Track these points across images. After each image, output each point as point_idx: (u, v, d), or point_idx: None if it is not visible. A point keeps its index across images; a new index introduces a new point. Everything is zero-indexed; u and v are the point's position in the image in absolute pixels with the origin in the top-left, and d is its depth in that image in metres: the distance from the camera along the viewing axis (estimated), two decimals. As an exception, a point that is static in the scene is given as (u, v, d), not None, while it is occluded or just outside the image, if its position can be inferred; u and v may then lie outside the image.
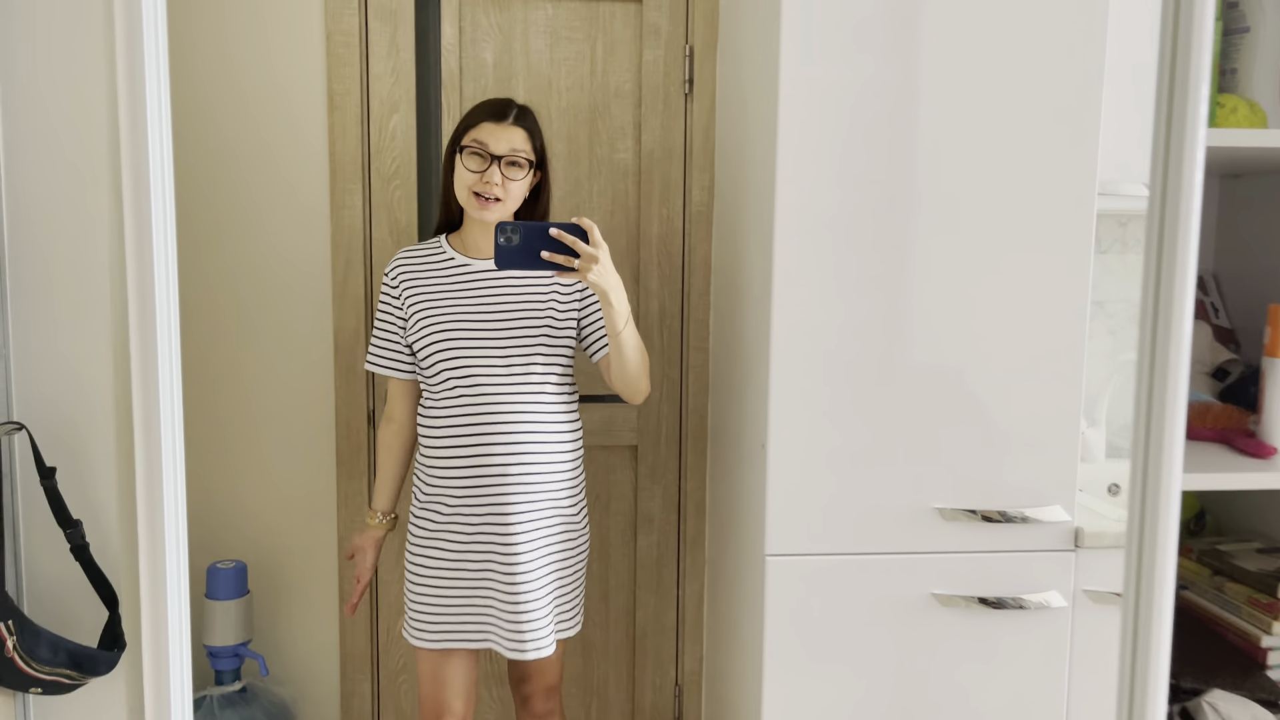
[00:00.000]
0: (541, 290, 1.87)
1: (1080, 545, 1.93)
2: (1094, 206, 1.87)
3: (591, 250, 1.66)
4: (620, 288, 1.73)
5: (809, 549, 1.89)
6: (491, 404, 1.80)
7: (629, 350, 1.79)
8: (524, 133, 1.81)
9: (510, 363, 1.81)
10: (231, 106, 2.19)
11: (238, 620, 2.16)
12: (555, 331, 1.85)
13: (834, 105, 1.81)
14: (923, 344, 1.87)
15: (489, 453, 1.80)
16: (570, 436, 1.89)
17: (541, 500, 1.84)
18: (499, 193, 1.78)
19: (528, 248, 1.65)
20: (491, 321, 1.82)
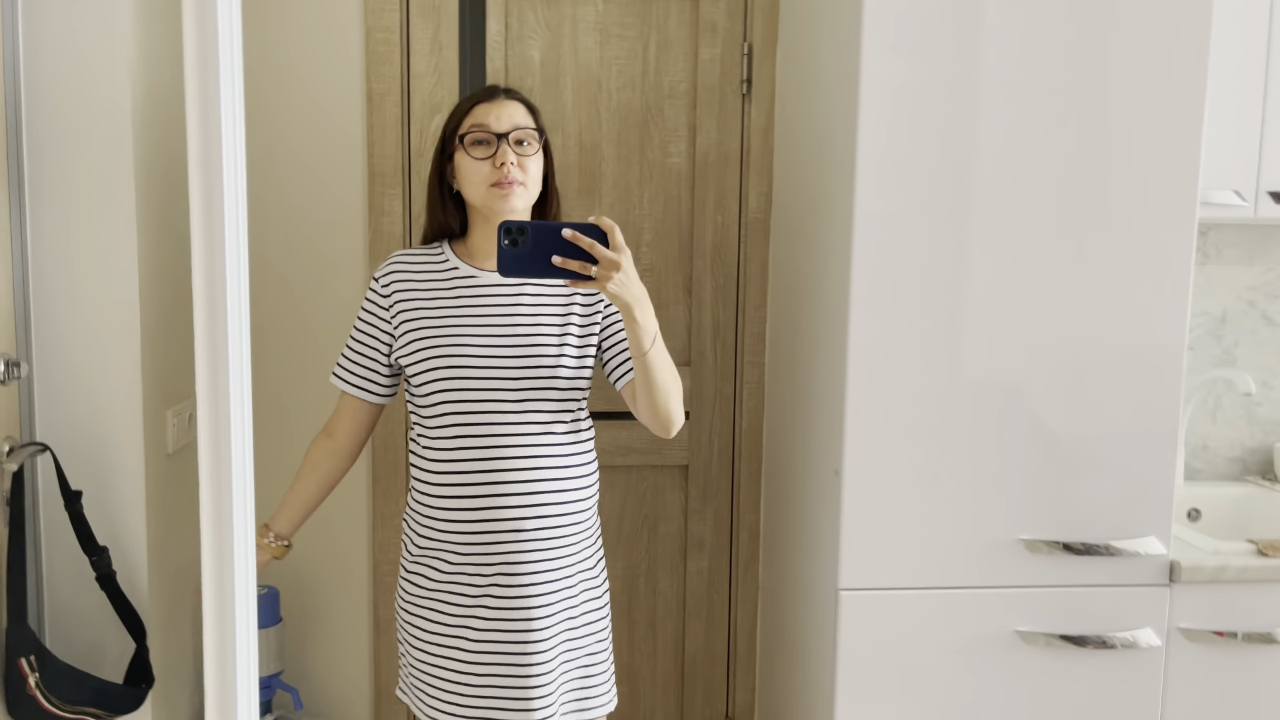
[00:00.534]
0: (559, 306, 1.61)
1: (1176, 580, 1.80)
2: (1195, 213, 1.74)
3: (612, 255, 1.39)
4: (645, 300, 1.46)
5: (885, 583, 1.77)
6: (502, 444, 1.54)
7: (657, 374, 1.52)
8: (522, 106, 1.60)
9: (524, 395, 1.55)
10: (264, 104, 2.08)
11: (271, 650, 2.04)
12: (574, 355, 1.59)
13: (915, 106, 1.68)
14: (1009, 360, 1.74)
15: (501, 504, 1.54)
16: (589, 480, 1.64)
17: (563, 559, 1.59)
18: (518, 174, 1.54)
19: (537, 252, 1.39)
20: (502, 345, 1.56)
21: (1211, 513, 2.25)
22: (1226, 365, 2.35)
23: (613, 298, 1.42)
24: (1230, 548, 1.84)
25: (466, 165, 1.56)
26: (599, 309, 1.63)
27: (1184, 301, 1.76)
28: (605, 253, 1.39)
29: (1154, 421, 1.78)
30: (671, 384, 1.56)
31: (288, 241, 2.11)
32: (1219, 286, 2.34)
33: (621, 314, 1.48)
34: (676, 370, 1.58)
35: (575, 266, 1.39)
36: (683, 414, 1.60)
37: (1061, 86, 1.70)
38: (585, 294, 1.62)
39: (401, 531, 1.68)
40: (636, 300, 1.44)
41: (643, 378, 1.53)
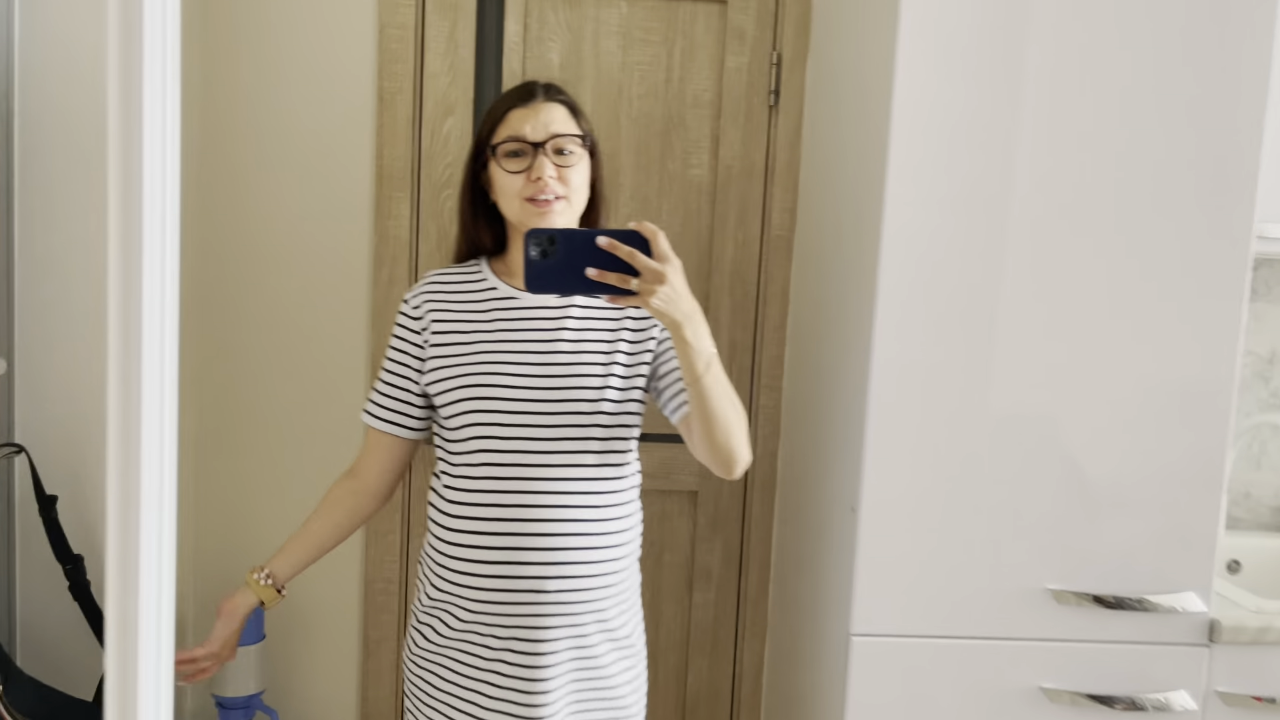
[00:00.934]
0: (607, 332, 1.43)
1: (1215, 640, 1.67)
2: (1250, 247, 1.63)
3: (657, 266, 1.19)
4: (698, 317, 1.26)
5: (901, 630, 1.65)
6: (527, 490, 1.37)
7: (714, 404, 1.31)
8: (563, 108, 1.42)
9: (559, 435, 1.38)
10: (270, 98, 2.00)
11: (252, 669, 1.95)
12: (619, 389, 1.41)
13: (950, 126, 1.58)
14: (1042, 394, 1.63)
15: (520, 558, 1.37)
16: (627, 537, 1.45)
17: (588, 627, 1.42)
18: (558, 187, 1.37)
19: (569, 264, 1.20)
20: (539, 376, 1.39)
21: (1253, 565, 2.12)
22: (1274, 409, 2.22)
23: (658, 315, 1.23)
24: (1275, 607, 1.71)
25: (501, 178, 1.41)
26: (652, 332, 1.45)
27: (1235, 338, 1.64)
28: (648, 263, 1.20)
29: (1197, 467, 1.66)
30: (733, 415, 1.34)
31: (289, 242, 2.03)
32: (1269, 325, 2.21)
33: (671, 335, 1.28)
34: (739, 399, 1.37)
35: (613, 280, 1.19)
36: (748, 451, 1.39)
37: (1107, 111, 1.59)
38: (637, 315, 1.45)
39: (417, 575, 1.53)
40: (687, 317, 1.24)
41: (698, 408, 1.32)
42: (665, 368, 1.44)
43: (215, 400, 2.04)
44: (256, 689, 1.96)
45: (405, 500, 2.11)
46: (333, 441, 2.07)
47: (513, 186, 1.39)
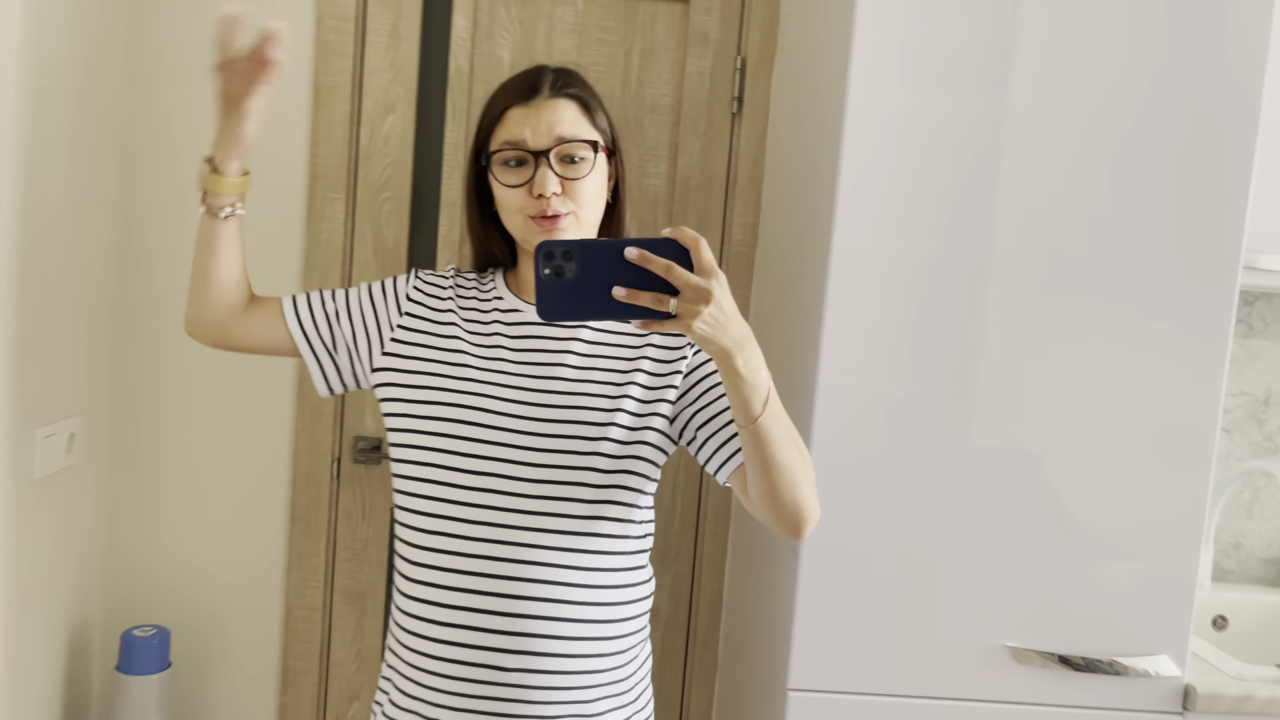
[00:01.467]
0: (624, 357, 1.20)
1: (1190, 709, 1.52)
2: (1237, 279, 1.49)
3: (699, 282, 0.94)
4: (752, 343, 1.01)
5: (842, 685, 1.51)
6: (498, 539, 1.13)
7: (776, 450, 1.06)
8: (574, 105, 1.19)
9: (548, 474, 1.14)
10: (195, 89, 1.88)
11: (155, 700, 1.81)
12: (630, 426, 1.16)
13: (910, 141, 1.45)
14: (1000, 433, 1.49)
15: (480, 623, 1.13)
16: (629, 610, 1.20)
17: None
18: (562, 205, 1.16)
19: (591, 282, 0.96)
20: (531, 405, 1.16)
21: (1240, 622, 1.96)
22: (1268, 454, 2.07)
23: (703, 342, 0.97)
24: (1257, 674, 1.56)
25: (499, 192, 1.20)
26: (679, 365, 1.20)
27: (1219, 379, 1.49)
28: (688, 278, 0.94)
29: (1176, 517, 1.51)
30: (798, 461, 1.09)
31: (215, 243, 1.90)
32: (1264, 364, 2.06)
33: (718, 366, 1.01)
34: (801, 440, 1.12)
35: (647, 300, 0.94)
36: (817, 504, 1.14)
37: (1083, 130, 1.45)
38: (664, 337, 1.21)
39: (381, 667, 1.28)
40: (738, 344, 0.99)
41: (756, 456, 1.06)
42: (706, 410, 1.18)
43: (133, 411, 1.91)
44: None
45: (331, 524, 1.97)
46: (250, 461, 1.94)
47: (513, 202, 1.18)
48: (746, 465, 1.10)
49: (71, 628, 1.81)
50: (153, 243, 1.89)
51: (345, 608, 2.00)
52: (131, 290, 1.90)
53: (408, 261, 1.96)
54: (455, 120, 1.94)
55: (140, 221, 1.89)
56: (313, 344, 1.26)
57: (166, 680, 1.83)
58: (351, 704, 2.02)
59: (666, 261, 0.94)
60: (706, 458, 1.19)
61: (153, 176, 1.89)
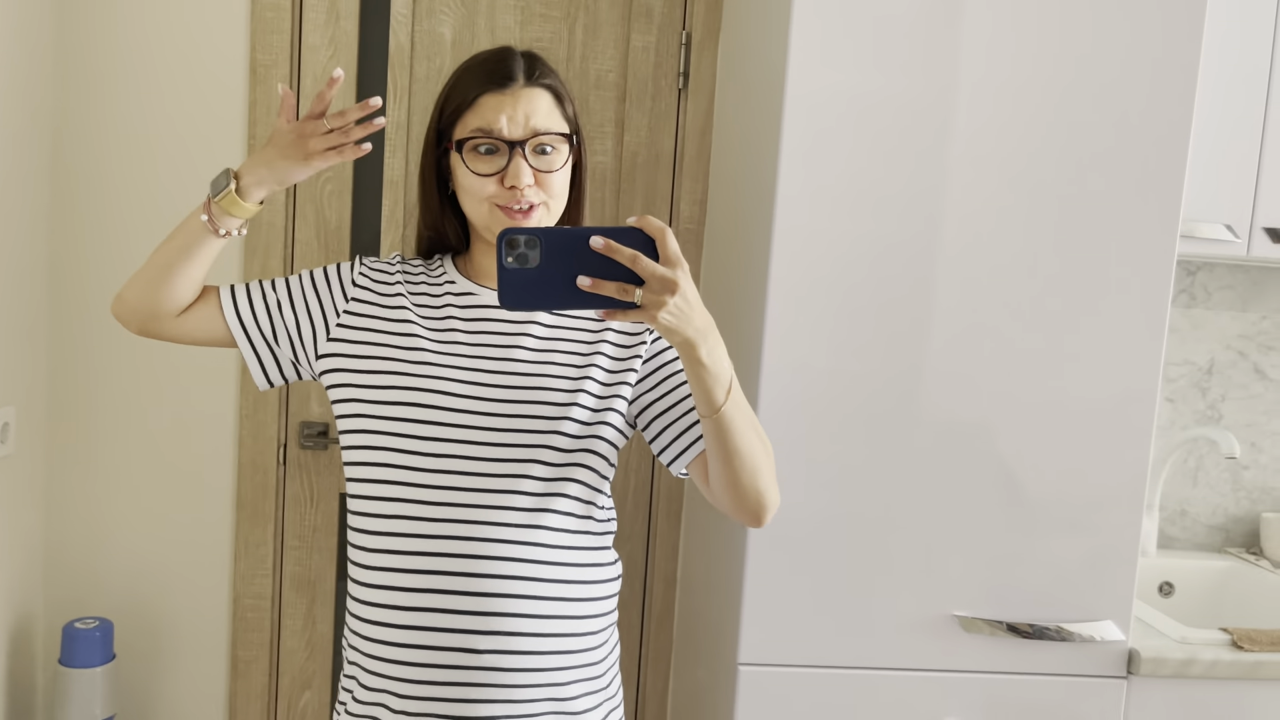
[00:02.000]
0: (583, 341, 1.19)
1: (1134, 672, 1.54)
2: (1175, 247, 1.50)
3: (664, 271, 0.93)
4: (713, 332, 1.00)
5: (794, 659, 1.51)
6: (460, 519, 1.10)
7: (738, 439, 1.06)
8: (548, 95, 1.16)
9: (507, 454, 1.12)
10: (130, 73, 1.83)
11: (99, 692, 1.78)
12: (593, 408, 1.15)
13: (853, 118, 1.44)
14: (946, 405, 1.49)
15: (447, 604, 1.10)
16: (598, 590, 1.18)
17: (534, 705, 1.13)
18: (536, 195, 1.13)
19: (554, 272, 0.95)
20: (490, 387, 1.13)
21: (1186, 588, 1.99)
22: (1211, 423, 2.10)
23: (667, 332, 0.96)
24: (1200, 637, 1.59)
25: (465, 178, 1.15)
26: (639, 350, 1.19)
27: (1159, 349, 1.51)
28: (653, 268, 0.92)
29: (1117, 487, 1.53)
30: (759, 450, 1.09)
31: (151, 231, 1.86)
32: (1207, 333, 2.09)
33: (680, 356, 1.00)
34: (761, 427, 1.11)
35: (611, 290, 0.93)
36: (777, 492, 1.13)
37: (1023, 106, 1.46)
38: (624, 330, 1.19)
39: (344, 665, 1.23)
40: (701, 334, 0.98)
41: (718, 446, 1.06)
42: (664, 399, 1.17)
43: (70, 400, 1.87)
44: (103, 715, 1.79)
45: (279, 511, 1.94)
46: (194, 450, 1.91)
47: (481, 190, 1.14)
48: (709, 455, 1.09)
49: (11, 621, 1.77)
50: (85, 233, 1.85)
51: (295, 596, 1.97)
52: (65, 279, 1.85)
53: (351, 242, 1.93)
54: (397, 98, 1.91)
55: (72, 212, 1.84)
56: (252, 337, 1.19)
57: (111, 672, 1.80)
58: (304, 693, 1.99)
59: (632, 251, 0.93)
60: (662, 447, 1.18)
61: (83, 167, 1.84)
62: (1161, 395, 2.08)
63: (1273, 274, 2.08)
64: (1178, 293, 2.07)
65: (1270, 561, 2.03)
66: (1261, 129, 1.76)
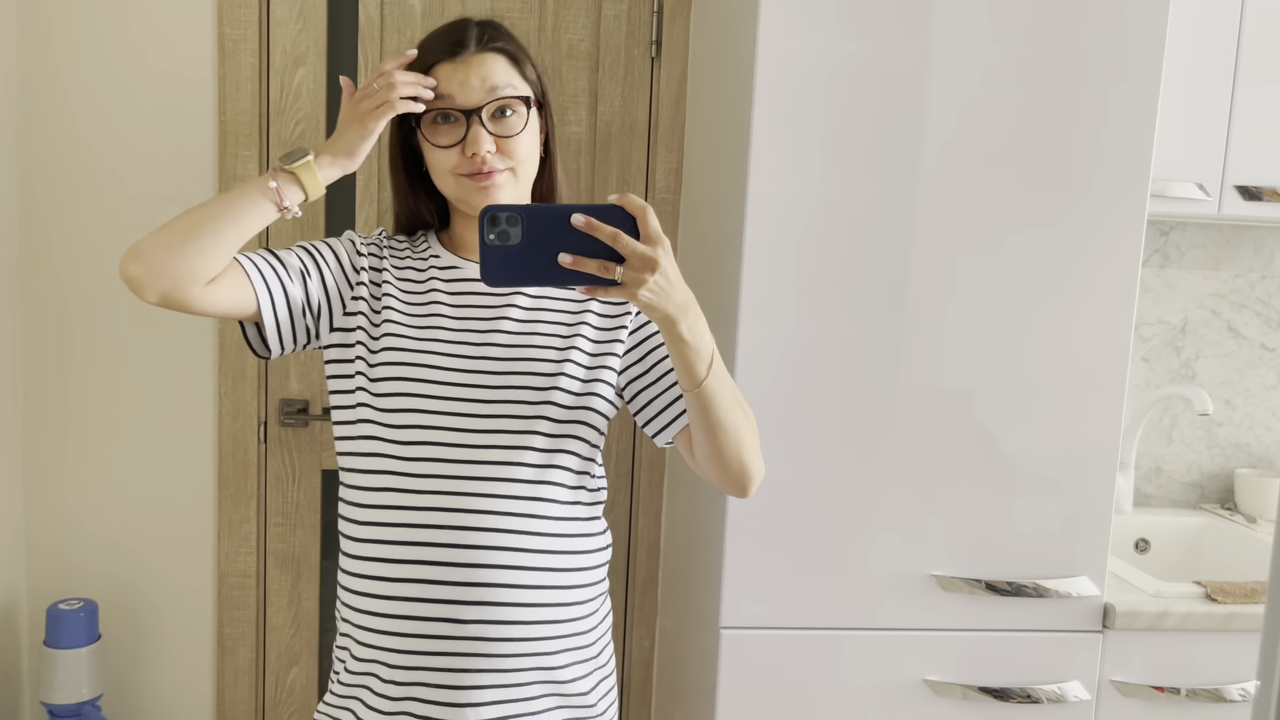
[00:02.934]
0: (567, 312, 1.19)
1: (1109, 626, 1.57)
2: (1145, 206, 1.51)
3: (644, 249, 0.94)
4: (694, 308, 1.02)
5: (775, 621, 1.53)
6: (449, 490, 1.11)
7: (721, 412, 1.08)
8: (502, 58, 1.15)
9: (495, 425, 1.12)
10: (95, 50, 1.81)
11: (86, 672, 1.78)
12: (581, 379, 1.16)
13: (825, 83, 1.44)
14: (923, 369, 1.50)
15: (433, 575, 1.11)
16: (587, 561, 1.18)
17: (523, 675, 1.14)
18: (499, 161, 1.13)
19: (536, 249, 0.96)
20: (474, 359, 1.14)
21: (1162, 544, 2.02)
22: (1185, 380, 2.12)
23: (648, 309, 0.98)
24: (1174, 590, 1.61)
25: (429, 152, 1.16)
26: (624, 320, 1.19)
27: (1130, 307, 1.52)
28: (634, 246, 0.94)
29: (1092, 445, 1.54)
30: (743, 421, 1.11)
31: (121, 204, 1.85)
32: (1181, 292, 2.10)
33: (662, 332, 1.02)
34: (744, 399, 1.13)
35: (592, 267, 0.95)
36: (762, 462, 1.15)
37: (1001, 68, 1.46)
38: (608, 305, 1.20)
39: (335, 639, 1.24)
40: (682, 310, 0.99)
41: (701, 419, 1.08)
42: (649, 373, 1.18)
43: (46, 382, 1.86)
44: (91, 694, 1.79)
45: (261, 489, 1.94)
46: (175, 428, 1.90)
47: (444, 163, 1.14)
48: (692, 428, 1.11)
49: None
50: (55, 213, 1.83)
51: (279, 573, 1.97)
52: (35, 260, 1.84)
53: (326, 217, 1.92)
54: (368, 71, 1.89)
55: (41, 193, 1.83)
56: (278, 310, 1.14)
57: (97, 653, 1.80)
58: (291, 669, 2.00)
59: (613, 229, 0.94)
60: (647, 419, 1.19)
61: (51, 144, 1.82)
62: (1137, 355, 2.10)
63: (1245, 232, 2.09)
64: (1151, 253, 2.08)
65: (1244, 516, 2.06)
66: (1231, 86, 1.77)
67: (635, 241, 0.94)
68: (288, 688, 2.01)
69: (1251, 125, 1.77)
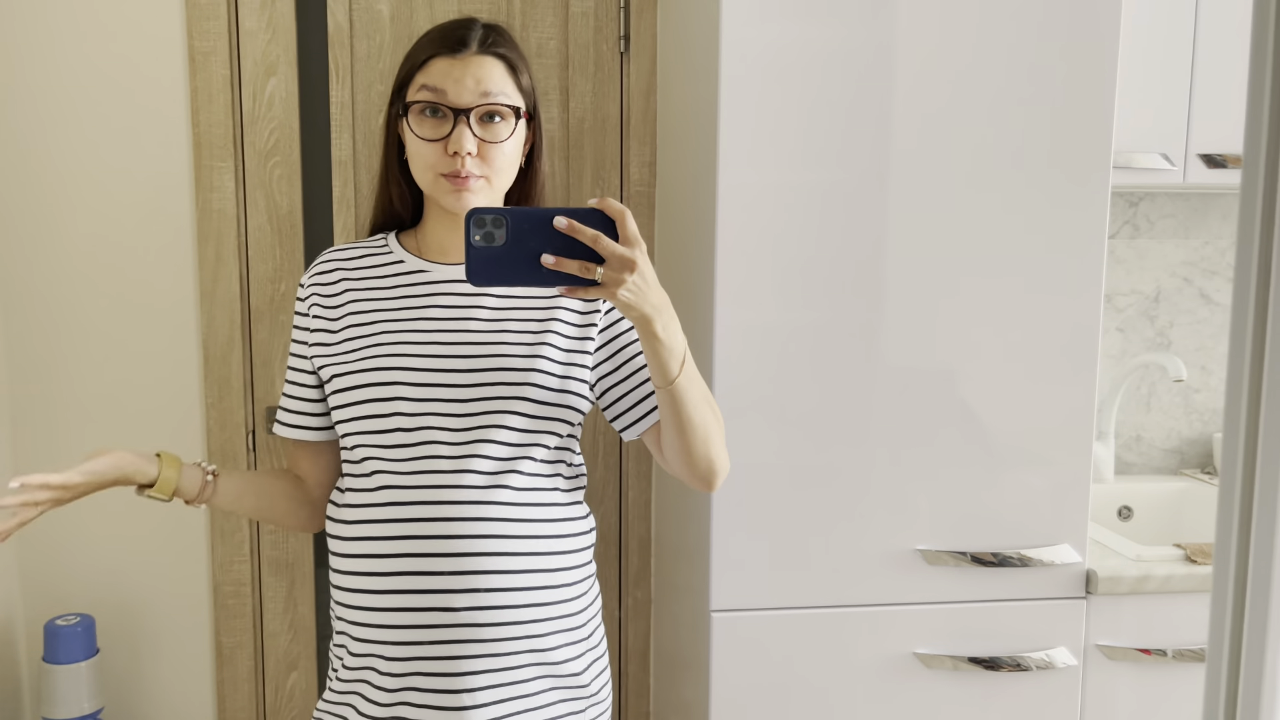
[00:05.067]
0: (538, 310, 1.20)
1: (1093, 592, 1.60)
2: (1108, 181, 1.53)
3: (623, 251, 0.99)
4: (668, 309, 1.06)
5: (764, 602, 1.55)
6: (434, 484, 1.14)
7: (691, 409, 1.12)
8: (500, 64, 1.17)
9: (474, 420, 1.15)
10: (64, 65, 1.82)
11: (85, 687, 1.79)
12: (557, 369, 1.18)
13: (792, 71, 1.46)
14: (900, 349, 1.52)
15: (424, 566, 1.13)
16: (572, 544, 1.21)
17: (516, 658, 1.16)
18: (478, 166, 1.15)
19: (519, 250, 1.00)
20: (450, 357, 1.16)
21: (1144, 511, 2.05)
22: (1161, 349, 2.15)
23: (624, 308, 1.02)
24: (1155, 554, 1.64)
25: (411, 142, 1.17)
26: (593, 314, 1.22)
27: (1098, 277, 1.55)
28: (614, 248, 0.99)
29: (1068, 416, 1.57)
30: (711, 419, 1.15)
31: (97, 220, 1.86)
32: (1152, 262, 2.13)
33: (637, 330, 1.06)
34: (712, 397, 1.18)
35: (574, 268, 0.99)
36: (727, 458, 1.20)
37: (960, 43, 1.48)
38: (578, 305, 1.23)
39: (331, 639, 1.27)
40: (657, 310, 1.04)
41: (672, 416, 1.12)
42: (620, 369, 1.22)
43: (32, 397, 1.87)
44: (92, 708, 1.80)
45: (251, 495, 1.95)
46: (163, 440, 1.91)
47: (425, 156, 1.16)
48: (663, 424, 1.15)
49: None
50: (34, 225, 1.84)
51: (274, 579, 1.99)
52: (17, 270, 1.85)
53: (304, 226, 1.93)
54: (339, 79, 1.91)
55: (21, 207, 1.83)
56: (327, 432, 1.28)
57: (96, 666, 1.81)
58: (290, 674, 2.02)
59: (594, 231, 0.99)
60: (616, 415, 1.23)
61: (20, 161, 1.83)
62: (1111, 325, 2.13)
63: (1212, 200, 2.12)
64: (1121, 224, 2.11)
65: (1223, 480, 2.09)
66: (1191, 55, 1.80)
67: (615, 243, 0.99)
68: (288, 693, 2.02)
69: (1212, 93, 1.80)
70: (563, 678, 1.19)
